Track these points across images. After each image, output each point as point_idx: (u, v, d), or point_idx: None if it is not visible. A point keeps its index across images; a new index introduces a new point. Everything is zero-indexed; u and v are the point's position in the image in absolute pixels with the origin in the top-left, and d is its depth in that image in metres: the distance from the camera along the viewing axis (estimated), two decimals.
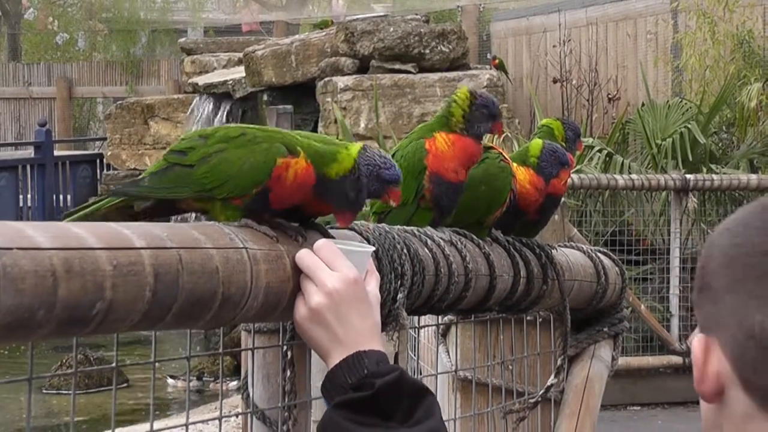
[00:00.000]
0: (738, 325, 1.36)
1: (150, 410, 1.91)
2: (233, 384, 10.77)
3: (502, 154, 2.55)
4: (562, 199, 2.85)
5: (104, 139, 20.44)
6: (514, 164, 2.56)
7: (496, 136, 2.84)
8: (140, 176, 2.00)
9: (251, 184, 1.89)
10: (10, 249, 1.38)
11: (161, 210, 2.02)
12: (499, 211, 2.52)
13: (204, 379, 12.03)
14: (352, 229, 2.03)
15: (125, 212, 1.98)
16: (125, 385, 11.66)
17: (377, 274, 1.94)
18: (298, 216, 1.97)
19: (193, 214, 2.14)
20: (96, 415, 10.78)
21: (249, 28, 27.85)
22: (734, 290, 1.37)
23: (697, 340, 1.42)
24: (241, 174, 1.89)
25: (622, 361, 8.76)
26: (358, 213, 1.98)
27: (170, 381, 11.96)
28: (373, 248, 1.95)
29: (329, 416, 1.79)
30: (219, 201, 1.91)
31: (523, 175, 2.57)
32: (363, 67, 13.99)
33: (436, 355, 3.15)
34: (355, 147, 1.95)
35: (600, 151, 10.64)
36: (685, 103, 11.14)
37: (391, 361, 1.90)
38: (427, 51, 13.92)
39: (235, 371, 10.94)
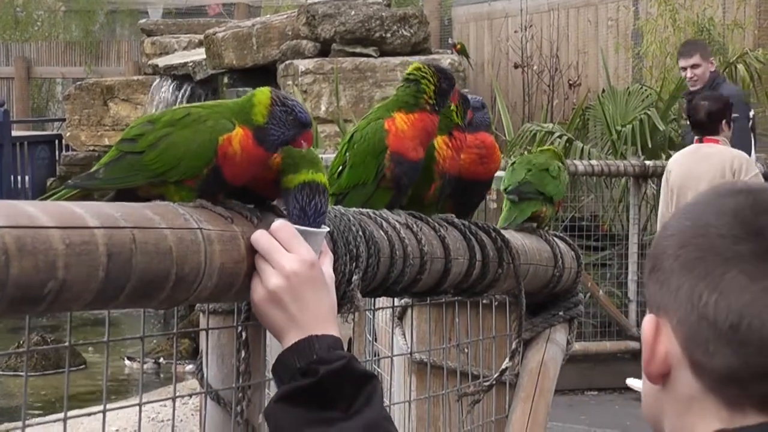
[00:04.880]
0: (690, 306, 1.38)
1: (103, 390, 1.91)
2: (190, 367, 10.76)
3: None
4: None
5: (63, 120, 20.31)
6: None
7: None
8: (95, 168, 1.98)
9: (200, 164, 1.89)
10: None
11: (124, 200, 2.01)
12: (433, 187, 2.52)
13: (161, 362, 12.01)
14: None
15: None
16: (82, 367, 11.62)
17: (330, 253, 1.94)
18: (253, 198, 1.97)
19: None
20: (53, 396, 10.74)
21: (216, 12, 27.70)
22: (688, 271, 1.39)
23: (647, 320, 1.44)
24: (189, 156, 1.88)
25: (580, 346, 8.82)
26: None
27: (127, 363, 11.92)
28: (328, 229, 1.96)
29: (270, 410, 1.80)
30: (172, 184, 1.90)
31: None
32: (324, 51, 13.97)
33: (392, 338, 3.16)
34: (264, 89, 1.94)
35: (560, 137, 10.68)
36: (645, 90, 11.19)
37: (345, 346, 1.89)
38: (389, 35, 13.91)
39: (194, 354, 10.93)
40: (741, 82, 10.72)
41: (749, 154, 8.46)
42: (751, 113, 8.96)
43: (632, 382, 8.70)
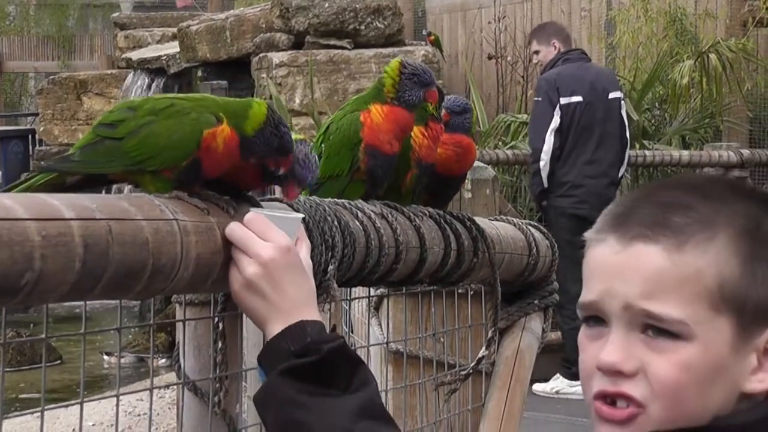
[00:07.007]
0: None
1: (81, 381, 1.91)
2: (163, 361, 10.76)
3: None
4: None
5: (36, 114, 20.24)
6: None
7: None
8: (70, 151, 1.98)
9: (181, 155, 1.89)
10: None
11: (92, 182, 2.01)
12: (410, 174, 2.53)
13: (140, 356, 11.99)
14: (283, 200, 2.04)
15: (58, 188, 1.97)
16: (58, 362, 11.58)
17: (308, 241, 1.95)
18: (229, 188, 1.97)
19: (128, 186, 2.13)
20: (30, 392, 10.72)
21: (184, 4, 27.59)
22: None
23: None
24: (170, 146, 1.88)
25: (556, 335, 8.85)
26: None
27: (105, 358, 11.90)
28: (302, 215, 1.97)
29: (272, 384, 1.79)
30: (149, 173, 1.91)
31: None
32: (298, 43, 13.94)
33: (368, 328, 3.17)
34: (262, 103, 1.96)
35: None
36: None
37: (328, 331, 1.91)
38: (363, 27, 13.90)
39: (170, 348, 10.90)
40: (713, 71, 10.76)
41: (540, 144, 8.26)
42: (571, 99, 8.39)
43: None
